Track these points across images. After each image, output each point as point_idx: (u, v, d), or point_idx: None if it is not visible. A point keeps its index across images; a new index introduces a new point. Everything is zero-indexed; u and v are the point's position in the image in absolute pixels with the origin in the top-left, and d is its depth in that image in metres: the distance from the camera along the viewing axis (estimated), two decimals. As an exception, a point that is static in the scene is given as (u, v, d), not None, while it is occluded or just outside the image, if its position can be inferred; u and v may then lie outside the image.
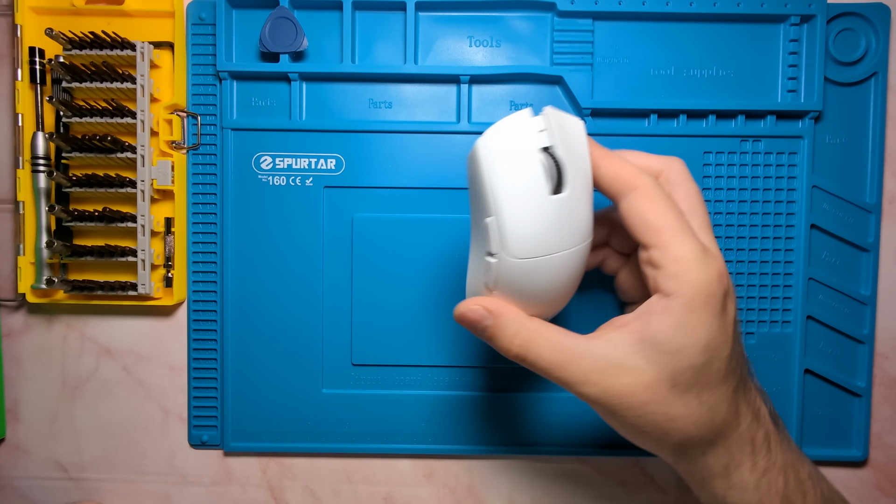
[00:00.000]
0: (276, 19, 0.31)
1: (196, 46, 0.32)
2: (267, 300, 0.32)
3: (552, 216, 0.22)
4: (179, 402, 0.34)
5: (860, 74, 0.32)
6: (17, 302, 0.33)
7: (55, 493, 0.34)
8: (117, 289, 0.31)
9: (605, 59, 0.32)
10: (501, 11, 0.32)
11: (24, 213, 0.31)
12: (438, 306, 0.32)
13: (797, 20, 0.31)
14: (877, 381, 0.33)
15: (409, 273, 0.32)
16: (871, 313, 0.32)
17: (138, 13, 0.31)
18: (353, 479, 0.34)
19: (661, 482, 0.34)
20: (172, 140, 0.32)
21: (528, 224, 0.22)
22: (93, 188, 0.31)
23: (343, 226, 0.32)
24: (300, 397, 0.33)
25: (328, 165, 0.32)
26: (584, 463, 0.34)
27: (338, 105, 0.32)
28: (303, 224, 0.32)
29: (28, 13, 0.31)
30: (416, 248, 0.32)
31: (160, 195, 0.32)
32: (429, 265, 0.32)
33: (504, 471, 0.34)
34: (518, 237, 0.22)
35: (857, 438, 0.33)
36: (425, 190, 0.32)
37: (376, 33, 0.32)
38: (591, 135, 0.31)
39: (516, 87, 0.32)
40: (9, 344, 0.34)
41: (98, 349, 0.34)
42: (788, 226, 0.32)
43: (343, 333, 0.32)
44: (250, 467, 0.34)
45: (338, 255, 0.32)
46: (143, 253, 0.31)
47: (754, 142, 0.32)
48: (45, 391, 0.34)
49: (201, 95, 0.32)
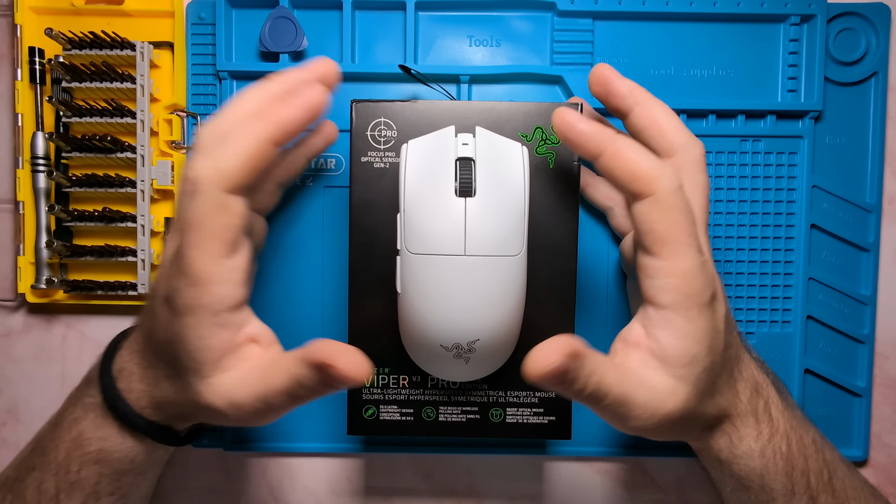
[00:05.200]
0: (276, 19, 0.31)
1: (196, 46, 0.32)
2: (266, 300, 0.32)
3: (454, 217, 0.22)
4: (179, 402, 0.34)
5: (860, 74, 0.32)
6: (17, 302, 0.33)
7: (55, 493, 0.34)
8: (117, 289, 0.31)
9: (605, 59, 0.32)
10: (501, 11, 0.32)
11: (23, 213, 0.31)
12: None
13: (797, 20, 0.31)
14: (877, 381, 0.33)
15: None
16: (871, 313, 0.32)
17: (138, 13, 0.31)
18: (354, 479, 0.34)
19: (661, 482, 0.34)
20: (172, 140, 0.32)
21: (428, 220, 0.22)
22: (93, 188, 0.31)
23: (343, 226, 0.32)
24: (300, 397, 0.32)
25: (328, 165, 0.32)
26: (585, 463, 0.34)
27: (338, 105, 0.32)
28: (303, 224, 0.32)
29: (28, 13, 0.31)
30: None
31: (160, 195, 0.32)
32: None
33: (504, 471, 0.34)
34: (417, 231, 0.23)
35: (857, 438, 0.33)
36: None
37: (376, 33, 0.32)
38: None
39: (516, 87, 0.32)
40: (8, 344, 0.34)
41: (98, 349, 0.33)
42: (788, 226, 0.32)
43: (343, 333, 0.32)
44: (250, 467, 0.34)
45: (338, 255, 0.32)
46: (143, 253, 0.31)
47: (754, 142, 0.32)
48: (45, 391, 0.34)
49: (201, 95, 0.32)
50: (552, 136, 0.27)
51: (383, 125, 0.27)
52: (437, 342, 0.24)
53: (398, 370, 0.28)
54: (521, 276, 0.24)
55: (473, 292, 0.23)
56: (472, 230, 0.22)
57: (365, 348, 0.28)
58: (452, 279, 0.23)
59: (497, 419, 0.28)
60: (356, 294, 0.28)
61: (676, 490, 0.34)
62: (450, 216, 0.22)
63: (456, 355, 0.24)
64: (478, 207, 0.23)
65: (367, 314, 0.28)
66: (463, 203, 0.22)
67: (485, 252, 0.22)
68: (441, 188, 0.23)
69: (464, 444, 0.33)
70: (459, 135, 0.24)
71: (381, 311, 0.28)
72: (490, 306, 0.23)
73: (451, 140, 0.24)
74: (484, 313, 0.23)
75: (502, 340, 0.25)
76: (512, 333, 0.25)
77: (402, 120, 0.27)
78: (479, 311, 0.23)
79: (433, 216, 0.23)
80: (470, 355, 0.24)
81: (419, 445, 0.33)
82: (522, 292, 0.24)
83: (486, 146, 0.24)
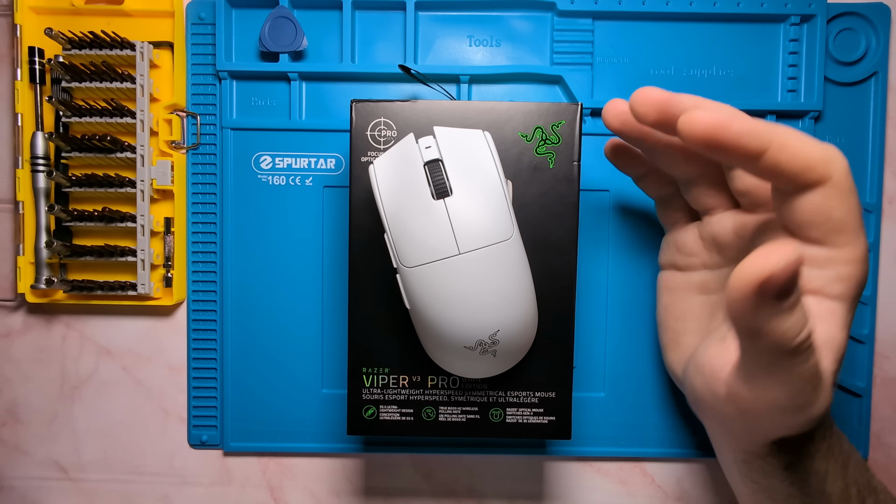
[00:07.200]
0: (276, 19, 0.31)
1: (196, 46, 0.32)
2: (267, 300, 0.32)
3: (439, 220, 0.22)
4: (179, 402, 0.34)
5: (860, 74, 0.32)
6: (17, 302, 0.33)
7: (54, 493, 0.34)
8: (117, 289, 0.31)
9: (605, 59, 0.32)
10: (501, 11, 0.32)
11: (23, 212, 0.31)
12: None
13: (797, 20, 0.31)
14: (877, 382, 0.33)
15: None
16: (871, 313, 0.32)
17: (138, 13, 0.31)
18: (354, 479, 0.34)
19: (661, 482, 0.34)
20: (172, 140, 0.32)
21: (415, 231, 0.23)
22: (92, 188, 0.31)
23: (343, 226, 0.32)
24: (300, 397, 0.33)
25: (328, 165, 0.32)
26: (585, 463, 0.34)
27: (338, 105, 0.32)
28: (302, 224, 0.32)
29: (28, 13, 0.31)
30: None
31: (160, 195, 0.32)
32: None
33: (504, 471, 0.34)
34: (408, 246, 0.23)
35: (857, 438, 0.33)
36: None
37: (376, 33, 0.32)
38: (590, 135, 0.32)
39: (516, 87, 0.32)
40: (8, 344, 0.34)
41: (97, 349, 0.34)
42: (788, 226, 0.32)
43: (343, 333, 0.32)
44: (250, 467, 0.34)
45: (338, 255, 0.32)
46: (143, 253, 0.31)
47: (754, 142, 0.32)
48: (45, 391, 0.34)
49: (201, 95, 0.32)
50: (552, 136, 0.27)
51: (383, 125, 0.27)
52: (460, 345, 0.24)
53: (398, 370, 0.28)
54: (521, 256, 0.24)
55: (479, 287, 0.23)
56: (459, 228, 0.22)
57: (365, 348, 0.28)
58: (455, 281, 0.23)
59: (497, 419, 0.28)
60: (356, 294, 0.28)
61: (676, 490, 0.34)
62: (434, 221, 0.22)
63: (482, 352, 0.24)
64: (458, 204, 0.23)
65: (367, 314, 0.28)
66: (443, 204, 0.23)
67: (478, 245, 0.23)
68: (418, 197, 0.23)
69: (464, 444, 0.33)
70: (420, 140, 0.24)
71: (381, 311, 0.28)
72: (499, 295, 0.23)
73: (413, 147, 0.24)
74: (496, 303, 0.23)
75: (522, 324, 0.25)
76: (529, 314, 0.25)
77: (402, 120, 0.27)
78: (490, 304, 0.23)
79: (419, 226, 0.23)
80: (496, 348, 0.24)
81: (419, 445, 0.33)
82: (526, 272, 0.24)
83: (448, 143, 0.24)
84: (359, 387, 0.28)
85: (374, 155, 0.27)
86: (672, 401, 0.32)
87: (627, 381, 0.32)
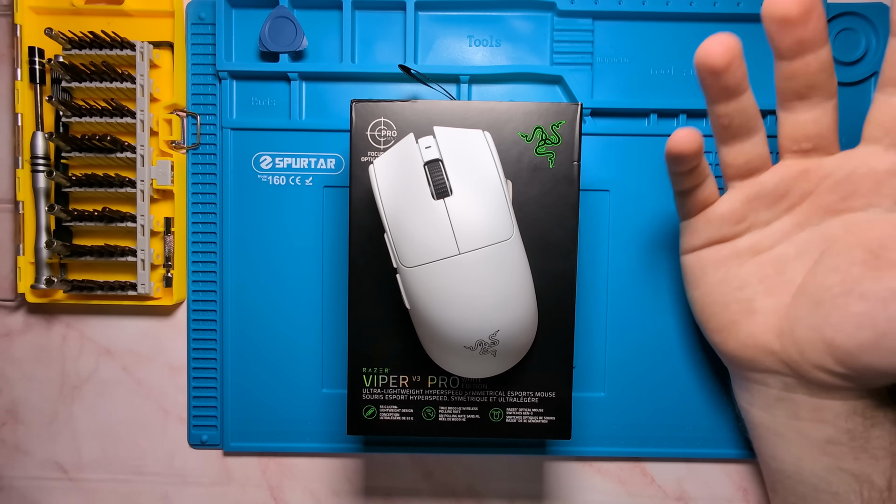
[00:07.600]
0: (276, 19, 0.31)
1: (196, 46, 0.32)
2: (267, 300, 0.32)
3: (439, 220, 0.22)
4: (179, 402, 0.34)
5: (860, 74, 0.32)
6: (17, 302, 0.33)
7: (54, 493, 0.34)
8: (117, 289, 0.31)
9: (605, 59, 0.32)
10: (501, 11, 0.32)
11: (23, 212, 0.31)
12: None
13: (797, 20, 0.31)
14: (877, 381, 0.33)
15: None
16: (871, 313, 0.32)
17: (138, 13, 0.31)
18: (354, 479, 0.34)
19: (661, 482, 0.34)
20: (172, 140, 0.32)
21: (415, 231, 0.23)
22: (92, 188, 0.31)
23: (343, 226, 0.32)
24: (300, 397, 0.33)
25: (328, 165, 0.32)
26: (585, 463, 0.34)
27: (338, 105, 0.32)
28: (303, 224, 0.32)
29: (28, 13, 0.31)
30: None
31: (160, 195, 0.32)
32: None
33: (504, 471, 0.34)
34: (408, 246, 0.23)
35: None
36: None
37: (376, 33, 0.32)
38: (590, 135, 0.32)
39: (516, 87, 0.32)
40: (8, 344, 0.34)
41: (98, 349, 0.34)
42: (788, 226, 0.32)
43: (343, 333, 0.32)
44: (250, 467, 0.34)
45: (338, 255, 0.32)
46: (143, 253, 0.31)
47: (754, 142, 0.32)
48: (45, 391, 0.34)
49: (201, 95, 0.32)
50: (552, 136, 0.27)
51: (383, 125, 0.27)
52: (460, 345, 0.24)
53: (398, 370, 0.28)
54: (521, 256, 0.24)
55: (479, 287, 0.23)
56: (459, 228, 0.22)
57: (365, 348, 0.28)
58: (455, 281, 0.23)
59: (497, 419, 0.28)
60: (356, 294, 0.28)
61: (676, 490, 0.34)
62: (435, 221, 0.22)
63: (482, 352, 0.24)
64: (458, 204, 0.23)
65: (367, 314, 0.28)
66: (443, 204, 0.23)
67: (478, 245, 0.23)
68: (418, 197, 0.23)
69: (464, 444, 0.33)
70: (420, 140, 0.24)
71: (381, 311, 0.28)
72: (499, 295, 0.23)
73: (413, 147, 0.24)
74: (495, 303, 0.23)
75: (521, 324, 0.25)
76: (529, 314, 0.25)
77: (402, 120, 0.27)
78: (490, 304, 0.23)
79: (419, 226, 0.23)
80: (495, 348, 0.24)
81: (419, 445, 0.33)
82: (526, 272, 0.24)
83: (448, 143, 0.24)
84: (359, 387, 0.28)
85: (374, 155, 0.27)
86: (672, 401, 0.32)
87: (627, 381, 0.32)
